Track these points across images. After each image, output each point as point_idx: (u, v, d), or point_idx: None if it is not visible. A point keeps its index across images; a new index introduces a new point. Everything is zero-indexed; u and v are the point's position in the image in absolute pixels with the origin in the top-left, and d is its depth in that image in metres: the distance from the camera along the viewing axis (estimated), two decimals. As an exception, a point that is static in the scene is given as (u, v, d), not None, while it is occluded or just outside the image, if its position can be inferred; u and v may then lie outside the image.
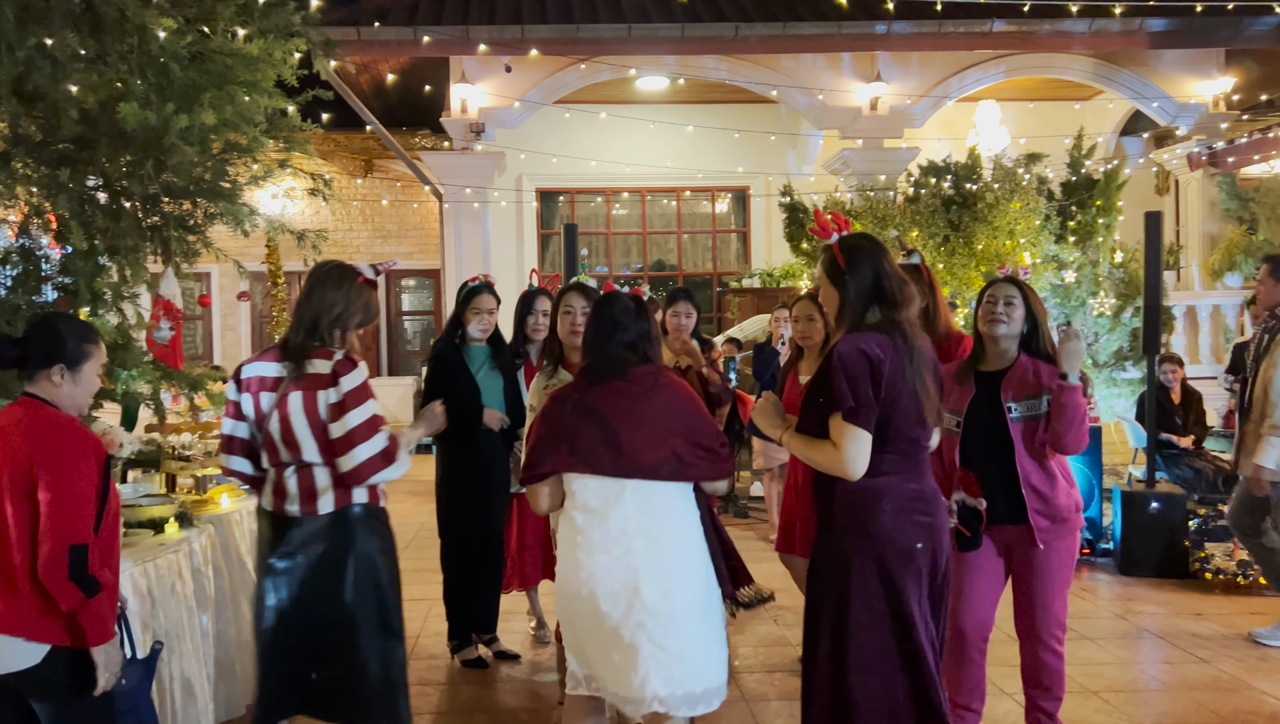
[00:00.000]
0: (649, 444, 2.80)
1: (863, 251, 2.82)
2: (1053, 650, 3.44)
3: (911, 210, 9.33)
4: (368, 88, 11.71)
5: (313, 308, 2.99)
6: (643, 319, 2.96)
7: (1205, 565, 6.02)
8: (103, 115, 3.68)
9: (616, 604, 2.76)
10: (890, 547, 2.77)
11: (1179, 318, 10.26)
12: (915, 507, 2.79)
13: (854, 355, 2.70)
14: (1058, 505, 3.36)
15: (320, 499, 2.94)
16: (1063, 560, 3.40)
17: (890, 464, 2.76)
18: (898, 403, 2.74)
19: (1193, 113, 11.12)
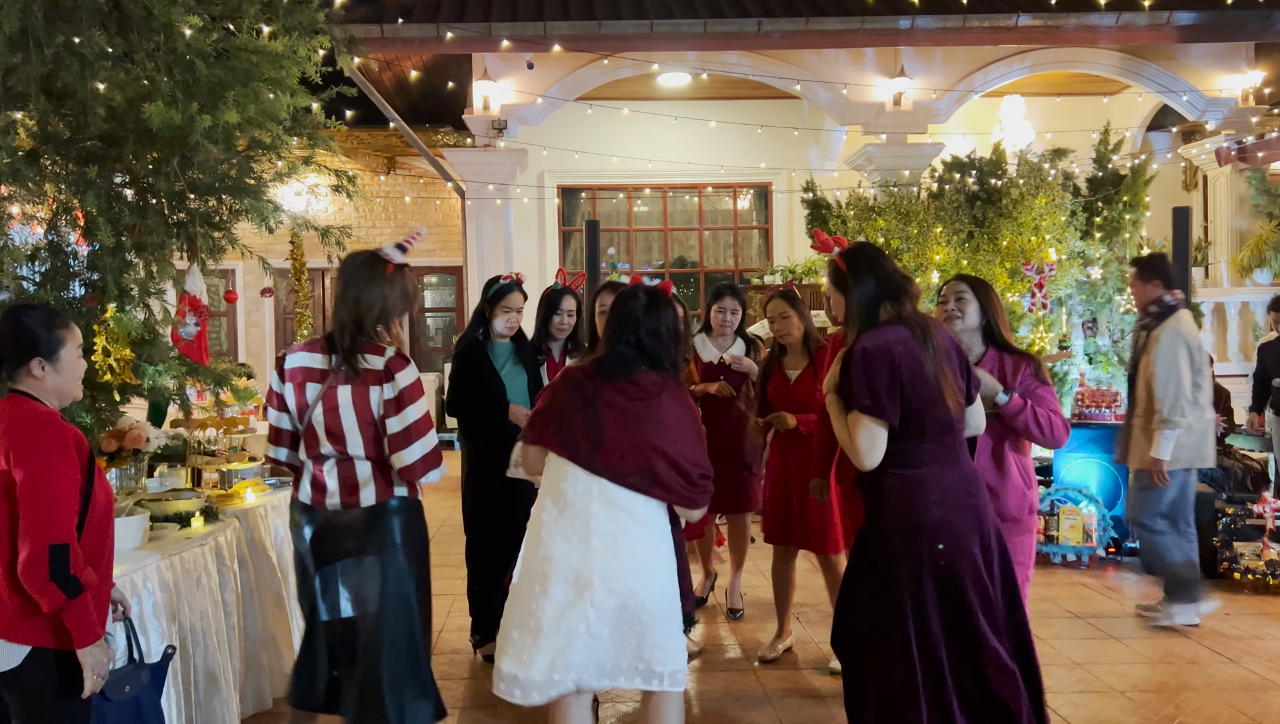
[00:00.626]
0: (628, 451, 2.84)
1: (862, 258, 3.03)
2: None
3: (935, 206, 9.26)
4: (391, 85, 11.75)
5: (352, 310, 2.98)
6: (655, 317, 2.96)
7: (1234, 565, 5.95)
8: (130, 113, 3.70)
9: (566, 592, 2.82)
10: (940, 535, 2.84)
11: (1207, 315, 10.13)
12: (960, 492, 2.88)
13: (873, 351, 2.84)
14: (1008, 505, 3.41)
15: (362, 492, 2.98)
16: (1019, 560, 3.40)
17: (930, 454, 2.88)
18: (925, 392, 2.84)
19: (1222, 107, 10.97)
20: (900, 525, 2.89)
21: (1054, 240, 8.76)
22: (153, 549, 3.24)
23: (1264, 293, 10.28)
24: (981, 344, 3.58)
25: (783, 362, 4.68)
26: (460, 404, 4.58)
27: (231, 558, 3.75)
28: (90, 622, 2.39)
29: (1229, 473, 7.29)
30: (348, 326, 2.97)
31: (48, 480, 2.34)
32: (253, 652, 3.95)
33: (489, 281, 4.75)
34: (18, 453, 2.35)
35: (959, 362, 2.98)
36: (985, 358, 3.54)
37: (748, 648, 4.91)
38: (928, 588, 2.85)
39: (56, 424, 2.44)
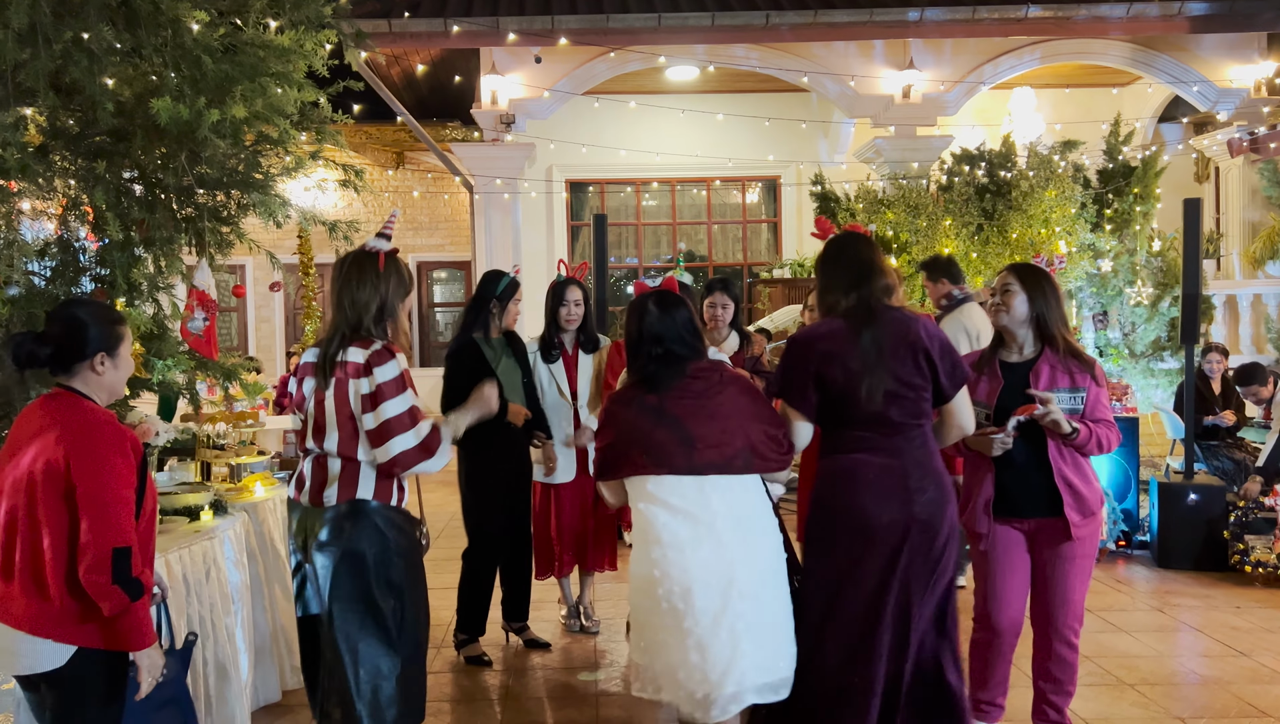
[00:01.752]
0: (723, 438, 2.83)
1: (835, 247, 3.09)
2: (1069, 643, 3.43)
3: (944, 199, 9.24)
4: (399, 80, 11.76)
5: (349, 312, 2.90)
6: (670, 318, 2.97)
7: (1245, 558, 5.93)
8: (138, 108, 3.71)
9: (713, 599, 2.74)
10: (855, 521, 2.88)
11: (1219, 307, 10.08)
12: (886, 483, 2.89)
13: (794, 343, 3.00)
14: (1088, 499, 3.36)
15: (327, 490, 2.87)
16: (1087, 552, 3.40)
17: (857, 443, 2.92)
18: (852, 382, 2.88)
19: (1233, 98, 10.90)
20: (821, 508, 2.98)
21: (1064, 233, 8.73)
22: (162, 543, 3.25)
23: (1277, 285, 10.21)
24: (1034, 342, 3.42)
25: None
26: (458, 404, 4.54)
27: (240, 551, 3.76)
28: (148, 624, 2.41)
29: (1240, 465, 7.25)
30: (342, 331, 2.89)
31: (110, 484, 2.33)
32: (262, 644, 3.97)
33: (491, 277, 4.67)
34: (79, 456, 2.33)
35: (926, 355, 2.91)
36: (1040, 365, 3.37)
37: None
38: (841, 570, 2.90)
39: (115, 426, 2.42)
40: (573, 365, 4.80)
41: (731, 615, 2.74)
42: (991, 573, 3.41)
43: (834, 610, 2.91)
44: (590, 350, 4.85)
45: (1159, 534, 6.36)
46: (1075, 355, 3.41)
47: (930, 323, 3.02)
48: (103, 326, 2.49)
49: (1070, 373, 3.36)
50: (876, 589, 2.88)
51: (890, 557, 2.88)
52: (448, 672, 4.54)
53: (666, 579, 2.78)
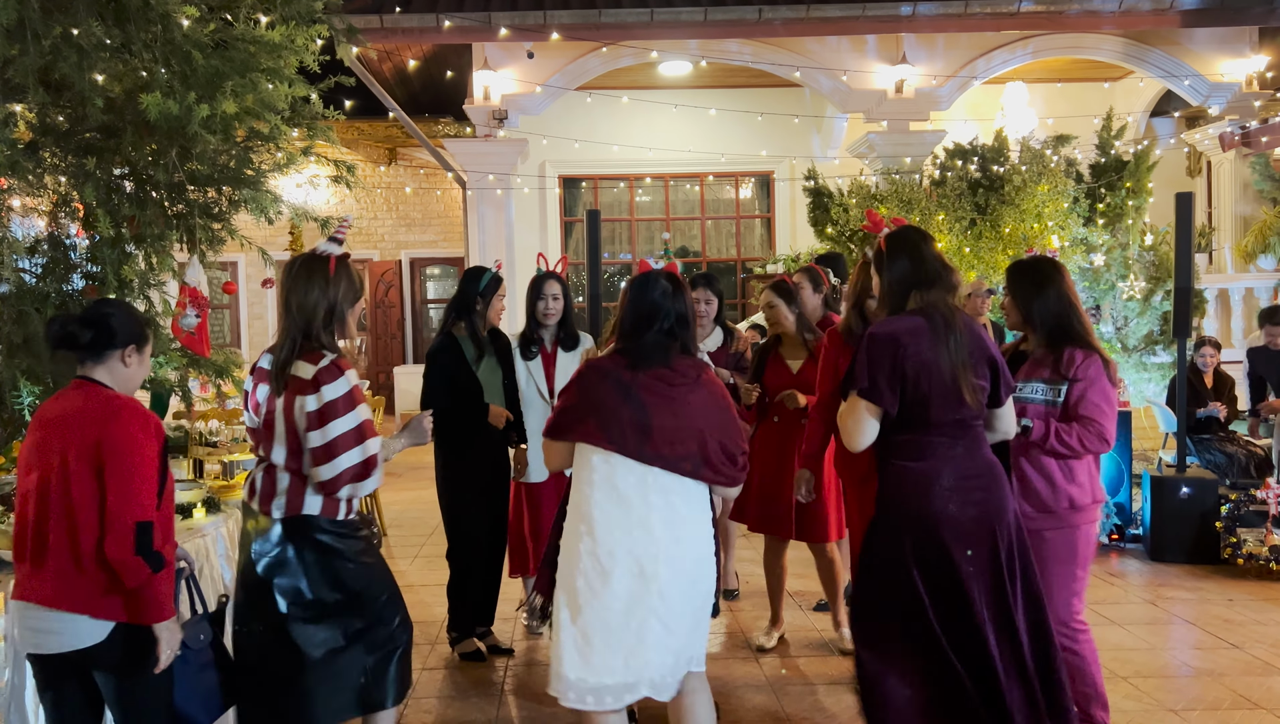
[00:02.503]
0: (678, 437, 2.81)
1: (902, 241, 3.00)
2: (1061, 647, 3.32)
3: (937, 194, 9.25)
4: (391, 75, 11.73)
5: (297, 316, 2.84)
6: (680, 300, 2.95)
7: (1237, 551, 5.95)
8: (128, 104, 3.70)
9: (630, 587, 2.77)
10: (941, 529, 2.83)
11: (1210, 301, 10.10)
12: (968, 487, 2.85)
13: (881, 337, 2.85)
14: (1041, 497, 3.30)
15: (274, 501, 2.85)
16: (1058, 555, 3.31)
17: (936, 447, 2.86)
18: (933, 385, 2.81)
19: (1225, 92, 10.92)
20: (901, 516, 2.89)
21: (1056, 227, 8.74)
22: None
23: (1268, 279, 10.24)
24: (1038, 335, 3.42)
25: (779, 351, 4.66)
26: (437, 406, 4.38)
27: (233, 548, 3.76)
28: (167, 598, 2.53)
29: (1232, 459, 7.28)
30: (293, 335, 2.83)
31: (135, 462, 2.48)
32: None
33: (473, 274, 4.55)
34: (108, 437, 2.47)
35: (987, 360, 2.92)
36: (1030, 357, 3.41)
37: (745, 633, 4.92)
38: (925, 580, 2.84)
39: (141, 409, 2.57)
40: (551, 363, 4.70)
41: (645, 609, 2.77)
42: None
43: (923, 625, 2.85)
44: (570, 347, 4.72)
45: (1151, 527, 6.38)
46: (1077, 346, 3.33)
47: (983, 328, 3.02)
48: (135, 323, 2.68)
49: (1056, 365, 3.31)
50: (974, 594, 2.83)
51: (978, 558, 2.84)
52: (442, 668, 4.54)
53: (591, 558, 2.80)
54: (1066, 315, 3.37)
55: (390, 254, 14.63)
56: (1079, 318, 3.40)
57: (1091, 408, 3.26)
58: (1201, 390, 7.60)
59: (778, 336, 4.68)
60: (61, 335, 2.58)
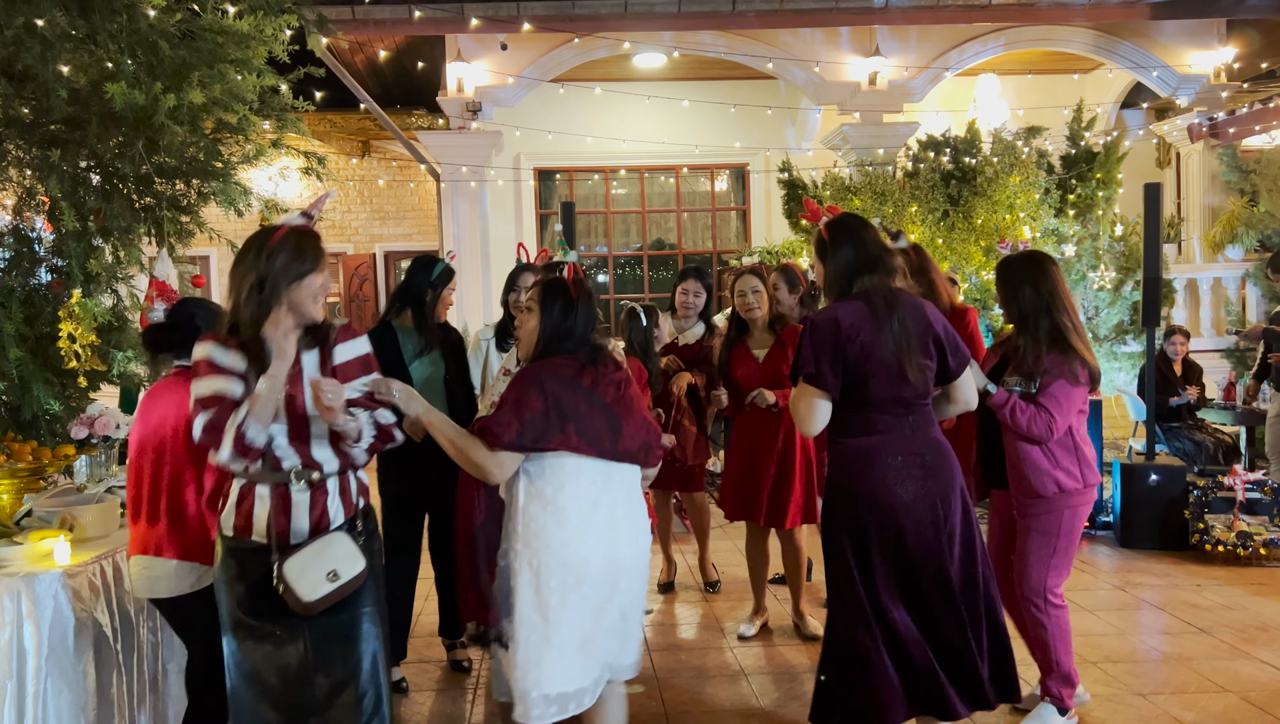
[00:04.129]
0: (635, 431, 2.89)
1: (844, 229, 3.08)
2: (1030, 615, 3.55)
3: (910, 185, 9.29)
4: (363, 67, 11.63)
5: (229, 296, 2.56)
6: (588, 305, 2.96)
7: (1205, 537, 6.03)
8: (93, 95, 3.66)
9: (601, 587, 2.81)
10: (882, 503, 2.94)
11: (1180, 291, 10.22)
12: (911, 463, 2.96)
13: (821, 324, 2.96)
14: (1030, 482, 3.46)
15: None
16: (1041, 529, 3.50)
17: (880, 425, 2.97)
18: (875, 365, 2.92)
19: (1193, 84, 11.04)
20: (848, 492, 3.01)
21: (1028, 218, 8.80)
22: (124, 535, 3.21)
23: (1236, 269, 10.37)
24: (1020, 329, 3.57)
25: (746, 342, 4.65)
26: None
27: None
28: None
29: (1200, 446, 7.38)
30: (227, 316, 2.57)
31: None
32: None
33: (425, 263, 4.18)
34: None
35: (935, 337, 3.01)
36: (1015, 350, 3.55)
37: (721, 622, 4.94)
38: (874, 552, 2.97)
39: None
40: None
41: (621, 597, 2.84)
42: (992, 537, 3.71)
43: (875, 585, 2.98)
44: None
45: (1121, 514, 6.45)
46: (1055, 348, 3.44)
47: (932, 306, 3.10)
48: (212, 316, 2.89)
49: (1036, 362, 3.44)
50: (910, 565, 2.97)
51: (919, 532, 2.96)
52: (420, 662, 4.53)
53: (564, 568, 2.74)
54: (1046, 313, 3.46)
55: (364, 247, 14.53)
56: (1064, 315, 3.46)
57: (1049, 399, 3.41)
58: (1172, 379, 7.70)
59: (743, 327, 4.67)
60: (156, 340, 2.97)
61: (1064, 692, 3.57)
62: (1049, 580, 3.50)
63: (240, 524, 2.54)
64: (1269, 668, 4.26)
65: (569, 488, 2.79)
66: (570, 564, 2.75)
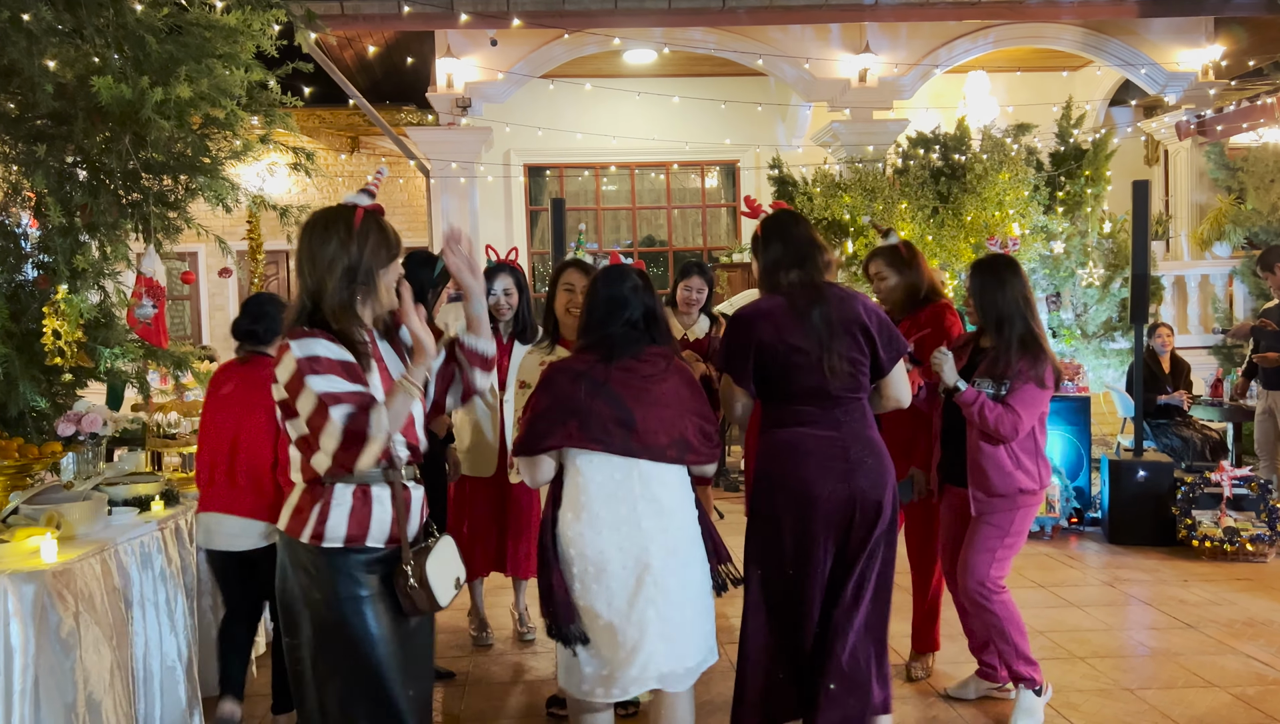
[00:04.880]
0: (661, 426, 2.81)
1: (775, 225, 3.15)
2: (977, 604, 3.63)
3: (900, 182, 9.30)
4: (353, 63, 11.59)
5: (309, 279, 2.36)
6: (649, 295, 2.96)
7: (1192, 533, 6.06)
8: (80, 90, 3.63)
9: (627, 582, 2.78)
10: (797, 493, 2.97)
11: (1167, 288, 10.26)
12: (827, 456, 2.98)
13: (736, 321, 3.06)
14: (993, 483, 3.54)
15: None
16: (995, 523, 3.59)
17: (799, 417, 3.01)
18: (797, 359, 2.96)
19: (1181, 81, 11.07)
20: (768, 481, 3.05)
21: (1017, 215, 8.83)
22: (111, 533, 3.20)
23: (1224, 266, 10.41)
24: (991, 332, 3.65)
25: None
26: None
27: (191, 541, 3.71)
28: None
29: (1188, 443, 7.41)
30: (303, 302, 2.36)
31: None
32: (208, 637, 3.91)
33: (423, 257, 4.08)
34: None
35: (864, 330, 3.00)
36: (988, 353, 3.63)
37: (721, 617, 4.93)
38: (787, 539, 3.00)
39: None
40: (505, 356, 4.42)
41: (643, 600, 2.77)
42: (944, 531, 3.82)
43: (777, 578, 3.04)
44: (527, 340, 4.45)
45: (1109, 511, 6.48)
46: (1026, 352, 3.52)
47: (868, 299, 3.10)
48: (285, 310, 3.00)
49: (1007, 366, 3.51)
50: (818, 557, 2.99)
51: (830, 526, 2.97)
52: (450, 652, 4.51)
53: (581, 559, 2.80)
54: (1022, 318, 3.56)
55: (353, 244, 14.49)
56: (1035, 319, 3.59)
57: (1018, 401, 3.49)
58: (1159, 375, 7.74)
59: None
60: (247, 331, 3.55)
61: (1030, 672, 3.64)
62: (991, 571, 3.59)
63: (355, 532, 2.32)
64: (1255, 663, 4.28)
65: (581, 482, 2.82)
66: (588, 556, 2.80)
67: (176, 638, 3.42)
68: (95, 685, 2.89)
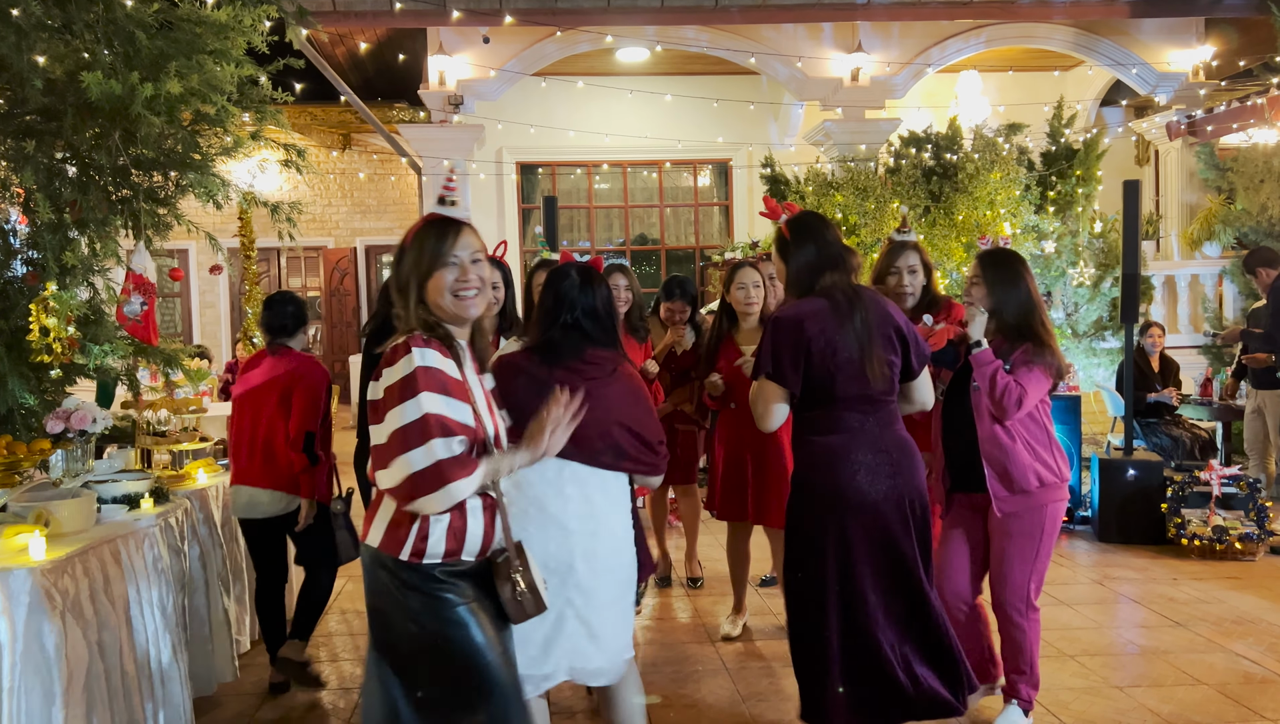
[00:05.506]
0: (594, 430, 2.75)
1: (805, 227, 3.08)
2: (1011, 621, 3.50)
3: (892, 181, 9.31)
4: (344, 60, 11.56)
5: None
6: (589, 294, 2.90)
7: (1182, 531, 6.08)
8: (69, 86, 3.61)
9: (549, 580, 2.75)
10: (848, 500, 2.93)
11: (1158, 287, 10.29)
12: (875, 461, 2.95)
13: (784, 321, 2.97)
14: (1013, 477, 3.40)
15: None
16: (1025, 530, 3.43)
17: (844, 423, 2.96)
18: (840, 363, 2.92)
19: (1172, 82, 11.11)
20: (812, 489, 3.00)
21: (1008, 214, 8.84)
22: (100, 531, 3.18)
23: (1214, 266, 10.45)
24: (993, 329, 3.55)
25: (733, 335, 4.62)
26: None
27: (181, 539, 3.70)
28: (321, 483, 4.04)
29: (1178, 442, 7.44)
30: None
31: (311, 396, 4.00)
32: (200, 634, 3.90)
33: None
34: (299, 380, 4.02)
35: (899, 333, 3.01)
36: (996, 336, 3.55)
37: (704, 618, 4.95)
38: (840, 550, 2.96)
39: (317, 364, 4.14)
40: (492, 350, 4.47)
41: (561, 602, 2.76)
42: (940, 542, 3.59)
43: (840, 586, 2.97)
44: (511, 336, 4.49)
45: (1100, 509, 6.50)
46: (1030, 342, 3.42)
47: (893, 303, 3.09)
48: (308, 308, 3.85)
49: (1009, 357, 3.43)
50: (882, 561, 2.96)
51: (888, 531, 2.95)
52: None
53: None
54: (1034, 313, 3.47)
55: (345, 241, 14.46)
56: (1042, 316, 3.50)
57: (1023, 376, 3.37)
58: (1149, 374, 7.77)
59: (733, 319, 4.65)
60: (277, 326, 4.14)
61: (1031, 695, 3.57)
62: (1032, 584, 3.46)
63: (453, 547, 2.25)
64: (1244, 661, 4.30)
65: (517, 480, 2.78)
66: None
67: (168, 636, 3.40)
68: (83, 683, 2.87)
